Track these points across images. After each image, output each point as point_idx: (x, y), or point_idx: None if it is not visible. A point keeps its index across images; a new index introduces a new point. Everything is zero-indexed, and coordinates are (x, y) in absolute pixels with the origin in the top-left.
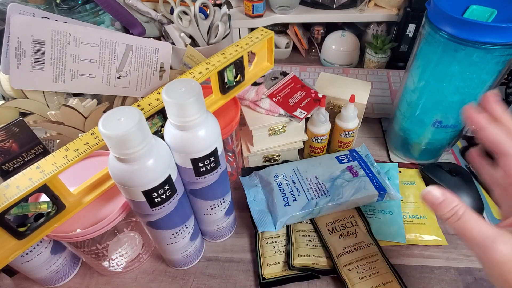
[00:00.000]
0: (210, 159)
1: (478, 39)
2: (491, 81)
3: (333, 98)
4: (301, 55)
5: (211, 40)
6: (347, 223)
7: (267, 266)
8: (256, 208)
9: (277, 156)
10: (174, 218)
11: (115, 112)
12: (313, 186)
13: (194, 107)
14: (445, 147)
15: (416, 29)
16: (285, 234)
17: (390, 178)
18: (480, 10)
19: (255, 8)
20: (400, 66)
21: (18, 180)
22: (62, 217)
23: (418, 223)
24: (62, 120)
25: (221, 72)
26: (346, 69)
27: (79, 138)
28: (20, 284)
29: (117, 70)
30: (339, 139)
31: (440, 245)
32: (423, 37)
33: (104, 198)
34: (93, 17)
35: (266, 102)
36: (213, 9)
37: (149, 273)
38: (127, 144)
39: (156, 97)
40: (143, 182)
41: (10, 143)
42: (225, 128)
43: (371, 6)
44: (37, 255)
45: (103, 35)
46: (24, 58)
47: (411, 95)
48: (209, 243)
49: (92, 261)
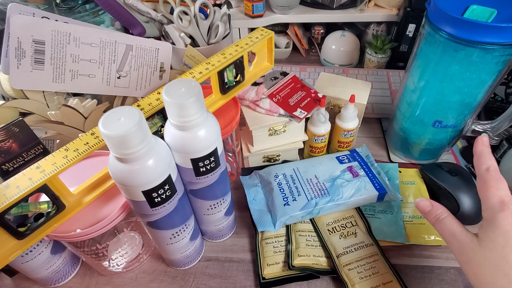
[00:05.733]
0: (210, 159)
1: (478, 39)
2: (491, 81)
3: (333, 98)
4: (301, 55)
5: (211, 40)
6: (347, 223)
7: (267, 266)
8: (256, 207)
9: (277, 156)
10: (174, 218)
11: (115, 112)
12: (313, 186)
13: (194, 107)
14: (445, 147)
15: (416, 29)
16: (285, 234)
17: (390, 178)
18: (480, 10)
19: (255, 8)
20: (400, 66)
21: (18, 180)
22: (62, 217)
23: (418, 223)
24: (62, 120)
25: (221, 72)
26: (346, 69)
27: (79, 138)
28: (20, 284)
29: (117, 70)
30: (339, 139)
31: (440, 245)
32: (423, 37)
33: (104, 198)
34: (93, 17)
35: (266, 102)
36: (213, 9)
37: (149, 273)
38: (127, 144)
39: (156, 97)
40: (143, 182)
41: (10, 143)
42: (225, 128)
43: (371, 6)
44: (37, 255)
45: (103, 35)
46: (24, 58)
47: (411, 95)
48: (209, 243)
49: (92, 261)
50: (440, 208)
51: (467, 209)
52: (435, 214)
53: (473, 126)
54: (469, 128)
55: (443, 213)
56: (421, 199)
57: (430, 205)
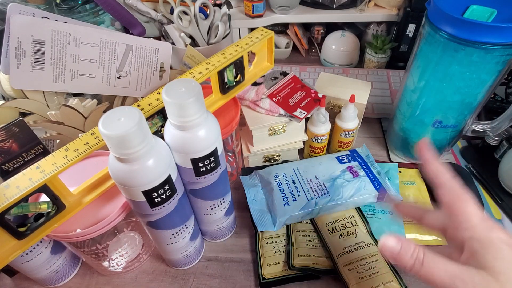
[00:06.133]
0: (210, 159)
1: (478, 39)
2: (491, 81)
3: (333, 98)
4: (301, 55)
5: (211, 40)
6: (347, 223)
7: (267, 266)
8: (256, 207)
9: (277, 156)
10: (174, 218)
11: (115, 112)
12: (313, 186)
13: (194, 107)
14: (445, 147)
15: (416, 29)
16: (285, 234)
17: (390, 178)
18: (480, 10)
19: (255, 8)
20: (400, 66)
21: (18, 180)
22: (62, 217)
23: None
24: (62, 120)
25: (221, 72)
26: (346, 69)
27: (79, 138)
28: (20, 284)
29: (117, 70)
30: (339, 139)
31: (440, 245)
32: (423, 37)
33: (104, 198)
34: (93, 17)
35: (266, 102)
36: (213, 9)
37: (149, 273)
38: (127, 144)
39: (156, 97)
40: (143, 182)
41: (10, 143)
42: (225, 128)
43: (371, 6)
44: (37, 255)
45: (103, 35)
46: (24, 58)
47: (411, 95)
48: (209, 243)
49: (92, 261)
50: (411, 244)
51: None
52: (410, 254)
53: (473, 126)
54: (469, 128)
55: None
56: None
57: (397, 242)
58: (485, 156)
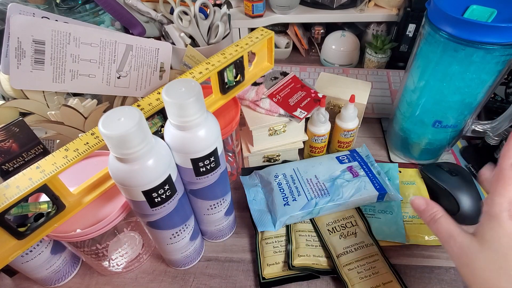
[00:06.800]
0: (210, 159)
1: (478, 39)
2: (491, 81)
3: (333, 98)
4: (301, 55)
5: (211, 40)
6: (347, 223)
7: (267, 266)
8: (256, 207)
9: (277, 156)
10: (174, 218)
11: (115, 112)
12: (313, 186)
13: (194, 107)
14: (445, 147)
15: (416, 29)
16: (285, 234)
17: (390, 178)
18: (480, 10)
19: (255, 8)
20: (400, 66)
21: (18, 180)
22: (62, 217)
23: (418, 223)
24: (62, 120)
25: (221, 72)
26: (346, 69)
27: (79, 138)
28: (20, 284)
29: (117, 70)
30: (339, 139)
31: (440, 245)
32: (423, 37)
33: (104, 198)
34: (93, 17)
35: (266, 102)
36: (213, 9)
37: (149, 273)
38: (127, 144)
39: (156, 97)
40: (143, 182)
41: (10, 143)
42: (225, 128)
43: (371, 6)
44: (37, 255)
45: (103, 35)
46: (24, 58)
47: (411, 95)
48: (209, 243)
49: (92, 261)
50: (435, 207)
51: (467, 210)
52: (430, 212)
53: (473, 126)
54: (469, 128)
55: (438, 212)
56: (416, 197)
57: (425, 203)
58: (485, 156)
